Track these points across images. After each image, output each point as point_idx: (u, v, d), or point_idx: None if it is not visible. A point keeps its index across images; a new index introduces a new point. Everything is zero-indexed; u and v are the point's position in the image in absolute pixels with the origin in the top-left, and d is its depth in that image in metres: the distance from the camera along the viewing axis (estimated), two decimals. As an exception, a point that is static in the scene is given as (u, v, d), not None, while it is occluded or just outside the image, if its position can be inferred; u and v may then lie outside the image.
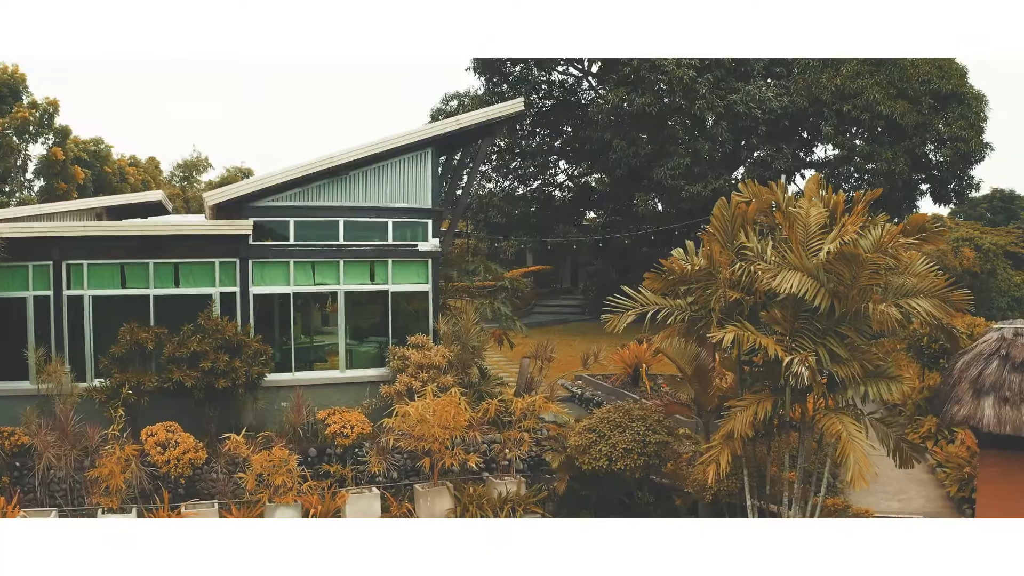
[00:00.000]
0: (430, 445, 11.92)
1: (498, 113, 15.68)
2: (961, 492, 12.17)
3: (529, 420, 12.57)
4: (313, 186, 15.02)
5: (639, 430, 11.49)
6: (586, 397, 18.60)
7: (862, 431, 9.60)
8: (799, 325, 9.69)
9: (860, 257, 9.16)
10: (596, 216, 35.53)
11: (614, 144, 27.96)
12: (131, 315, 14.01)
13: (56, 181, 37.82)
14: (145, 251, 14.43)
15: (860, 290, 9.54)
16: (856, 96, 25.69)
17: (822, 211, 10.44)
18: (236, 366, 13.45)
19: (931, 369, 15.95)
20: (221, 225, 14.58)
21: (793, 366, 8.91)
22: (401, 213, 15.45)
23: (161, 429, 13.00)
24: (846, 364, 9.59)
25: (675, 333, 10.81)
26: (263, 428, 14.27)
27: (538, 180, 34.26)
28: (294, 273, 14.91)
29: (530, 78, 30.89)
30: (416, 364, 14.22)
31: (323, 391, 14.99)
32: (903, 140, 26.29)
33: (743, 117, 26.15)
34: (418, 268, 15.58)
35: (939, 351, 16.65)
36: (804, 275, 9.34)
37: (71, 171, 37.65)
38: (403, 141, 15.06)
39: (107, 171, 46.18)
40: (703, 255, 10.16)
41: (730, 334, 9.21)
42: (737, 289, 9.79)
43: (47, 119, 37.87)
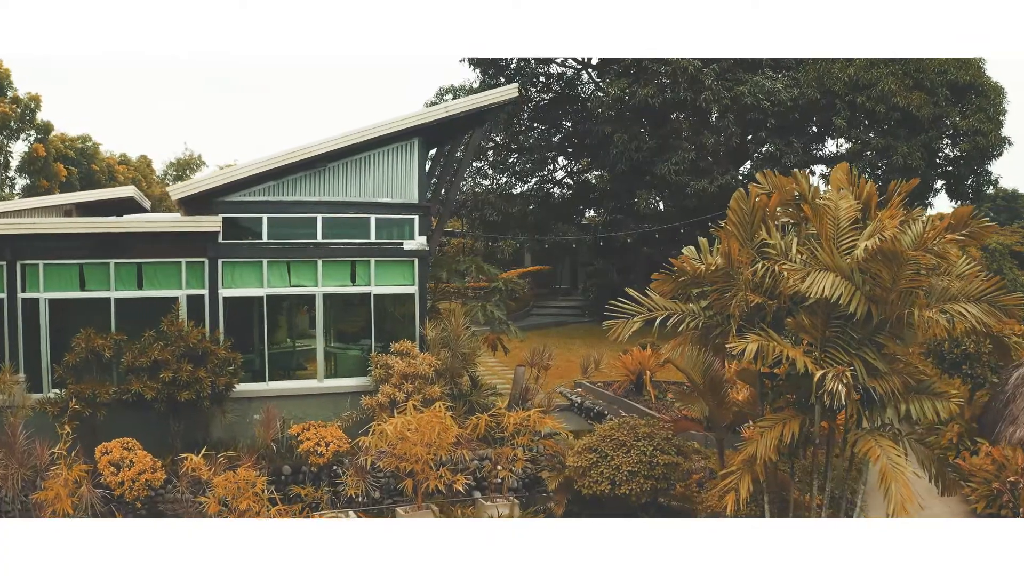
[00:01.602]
0: (412, 466, 10.68)
1: (490, 100, 14.42)
2: (988, 508, 10.95)
3: (523, 437, 11.33)
4: (289, 179, 13.76)
5: (646, 450, 10.24)
6: (586, 406, 17.37)
7: (902, 454, 8.37)
8: (830, 333, 8.44)
9: (903, 255, 7.92)
10: (596, 215, 34.30)
11: (615, 138, 26.70)
12: (91, 320, 12.80)
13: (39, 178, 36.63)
14: (105, 250, 13.19)
15: (900, 294, 8.31)
16: (870, 87, 24.42)
17: (853, 204, 9.21)
18: (200, 376, 12.22)
19: (951, 376, 14.73)
20: (187, 222, 13.35)
21: (827, 382, 7.66)
22: (385, 209, 14.20)
23: (117, 446, 11.78)
24: (885, 378, 8.35)
25: (687, 342, 9.54)
26: (234, 443, 13.06)
27: (536, 177, 33.01)
28: (267, 274, 13.66)
29: (527, 71, 29.63)
30: (400, 374, 12.98)
31: (300, 402, 13.76)
32: (919, 134, 25.03)
33: (751, 109, 24.88)
34: (403, 268, 14.32)
35: (961, 356, 15.48)
36: (837, 276, 8.10)
37: (53, 168, 36.43)
38: (387, 130, 13.81)
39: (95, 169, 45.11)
40: (720, 253, 8.90)
41: (753, 344, 7.97)
42: (759, 292, 8.54)
43: (29, 115, 36.64)
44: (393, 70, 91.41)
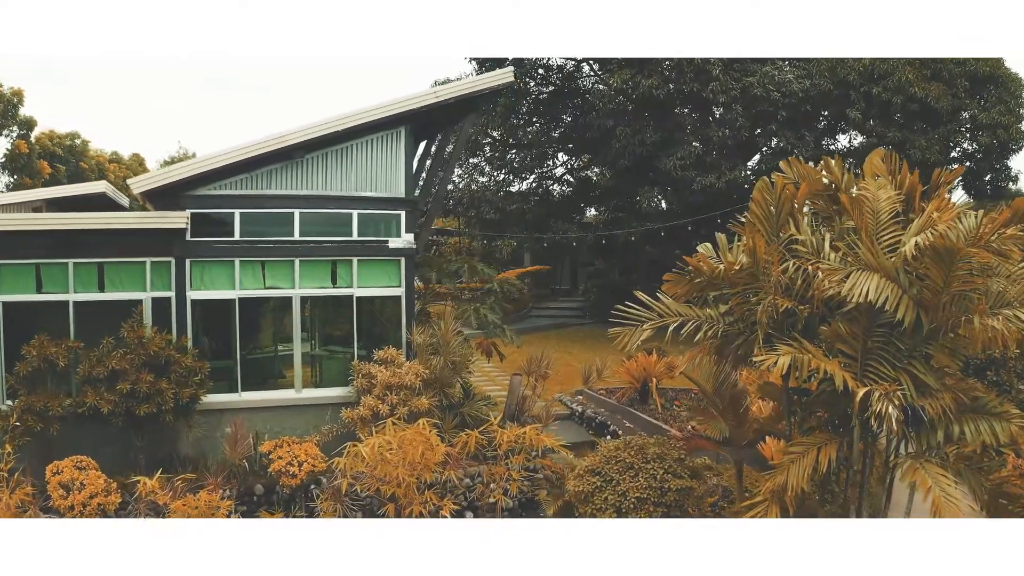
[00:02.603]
0: (394, 489, 9.50)
1: (484, 84, 13.25)
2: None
3: (518, 457, 10.16)
4: (263, 171, 12.58)
5: (656, 473, 9.06)
6: (587, 416, 16.21)
7: (952, 483, 7.20)
8: (873, 344, 7.27)
9: (960, 253, 6.76)
10: (597, 213, 33.14)
11: (617, 132, 25.52)
12: (50, 325, 11.67)
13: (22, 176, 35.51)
14: (64, 249, 12.05)
15: (953, 297, 7.15)
16: (887, 77, 23.22)
17: (893, 195, 8.05)
18: (162, 388, 11.07)
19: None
20: (150, 217, 12.20)
21: (874, 402, 6.49)
22: (369, 204, 13.02)
23: (69, 465, 10.61)
24: (935, 396, 7.19)
25: (705, 352, 8.36)
26: (203, 459, 11.95)
27: (535, 173, 31.82)
28: (240, 275, 12.49)
29: (526, 63, 28.44)
30: (384, 384, 11.82)
31: (276, 415, 12.60)
32: (937, 127, 23.84)
33: (760, 101, 23.67)
34: (389, 268, 13.15)
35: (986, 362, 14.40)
36: (882, 277, 6.94)
37: (36, 165, 35.28)
38: (371, 116, 12.62)
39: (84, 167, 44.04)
40: (744, 251, 7.73)
41: (785, 357, 6.79)
42: (790, 296, 7.38)
43: (12, 110, 35.49)
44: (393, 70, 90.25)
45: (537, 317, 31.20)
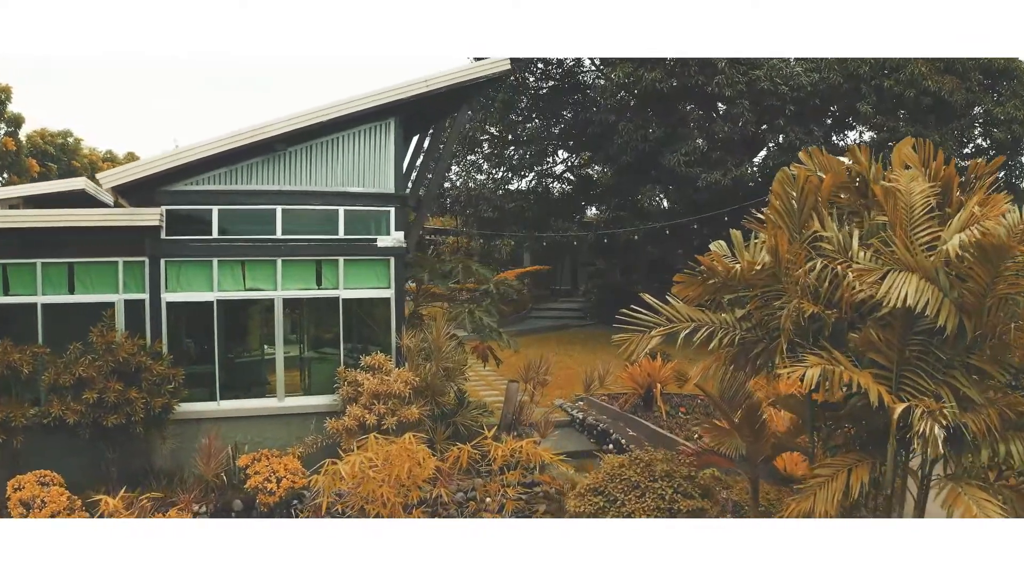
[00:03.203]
0: (379, 509, 8.73)
1: (478, 73, 12.46)
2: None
3: (514, 473, 9.36)
4: (243, 165, 11.82)
5: (664, 493, 8.28)
6: (589, 423, 15.42)
7: (1000, 510, 6.42)
8: (910, 354, 6.49)
9: (1011, 251, 5.98)
10: (598, 212, 32.33)
11: (619, 128, 24.71)
12: (18, 328, 10.97)
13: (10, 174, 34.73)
14: (32, 249, 11.32)
15: (999, 301, 6.38)
16: (899, 70, 22.41)
17: (927, 187, 7.27)
18: (132, 397, 10.31)
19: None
20: (121, 215, 11.42)
21: (916, 421, 5.70)
22: (356, 200, 12.24)
23: (32, 480, 9.90)
24: (979, 412, 6.40)
25: (720, 361, 7.57)
26: (181, 472, 11.21)
27: (534, 171, 31.01)
28: (218, 275, 11.72)
29: (524, 57, 27.61)
30: (371, 392, 11.05)
31: (257, 424, 11.85)
32: (950, 121, 23.04)
33: (767, 95, 22.87)
34: (377, 268, 12.36)
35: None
36: (922, 279, 6.16)
37: (25, 163, 34.49)
38: (358, 106, 11.84)
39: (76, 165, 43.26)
40: (765, 249, 6.94)
41: (815, 369, 6.00)
42: (816, 300, 6.59)
43: (-1, 107, 34.69)
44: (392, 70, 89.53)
45: (537, 318, 30.43)
